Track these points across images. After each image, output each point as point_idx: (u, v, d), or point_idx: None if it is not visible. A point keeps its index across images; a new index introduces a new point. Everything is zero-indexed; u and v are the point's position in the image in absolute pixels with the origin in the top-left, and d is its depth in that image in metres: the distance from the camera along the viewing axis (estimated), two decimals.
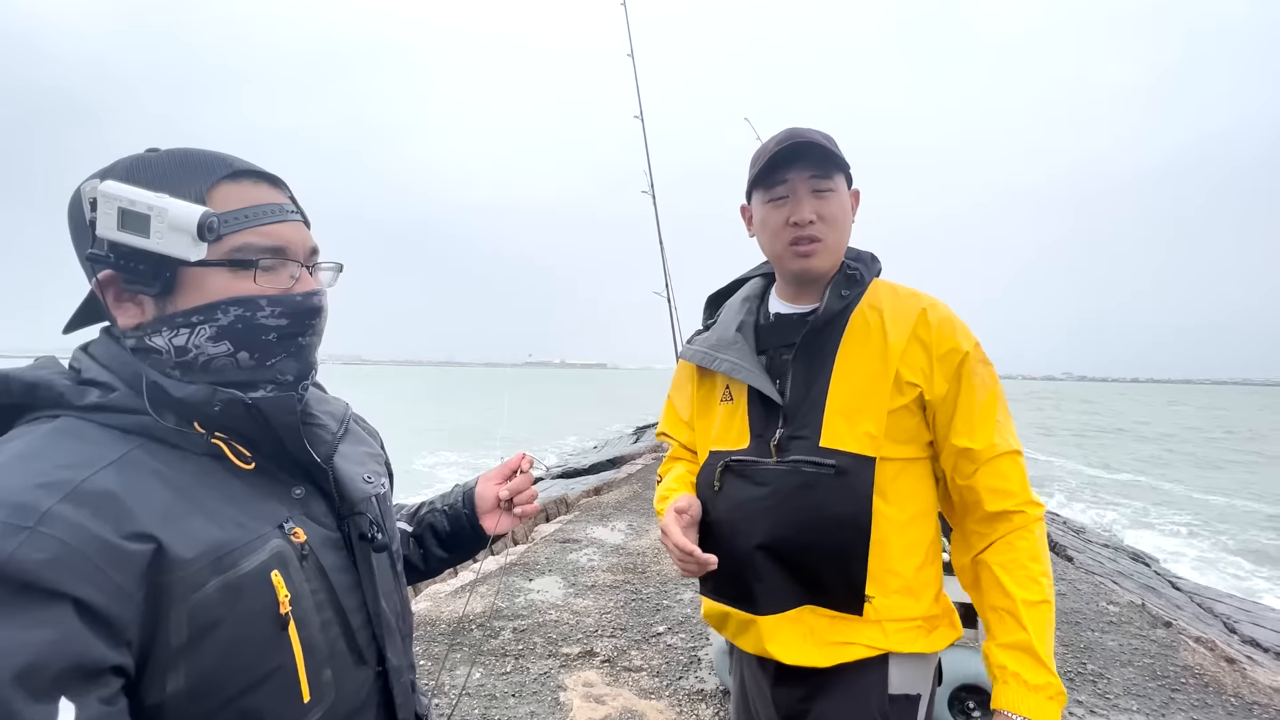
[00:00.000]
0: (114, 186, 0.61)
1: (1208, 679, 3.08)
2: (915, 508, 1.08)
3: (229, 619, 0.58)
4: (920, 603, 1.06)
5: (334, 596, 0.68)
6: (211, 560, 0.58)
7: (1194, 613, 5.08)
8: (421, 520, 1.01)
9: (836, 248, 1.12)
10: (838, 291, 1.11)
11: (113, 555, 0.52)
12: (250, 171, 0.68)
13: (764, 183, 1.12)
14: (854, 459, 1.04)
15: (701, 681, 2.98)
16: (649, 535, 5.52)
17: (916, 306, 1.09)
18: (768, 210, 1.12)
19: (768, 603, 1.08)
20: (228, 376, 0.65)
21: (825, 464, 1.04)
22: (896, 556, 1.04)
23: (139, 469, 0.58)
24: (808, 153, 1.07)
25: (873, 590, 1.03)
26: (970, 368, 1.05)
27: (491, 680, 3.00)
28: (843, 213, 1.11)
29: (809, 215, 1.07)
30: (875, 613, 1.04)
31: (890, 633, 1.04)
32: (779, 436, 1.09)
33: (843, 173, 1.11)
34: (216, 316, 0.64)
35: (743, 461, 1.13)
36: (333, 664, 0.67)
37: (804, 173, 1.08)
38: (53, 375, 0.62)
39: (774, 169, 1.09)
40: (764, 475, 1.09)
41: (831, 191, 1.09)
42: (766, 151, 1.11)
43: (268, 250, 0.66)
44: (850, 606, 1.04)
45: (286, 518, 0.66)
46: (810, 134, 1.09)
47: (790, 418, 1.10)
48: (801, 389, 1.10)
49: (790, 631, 1.07)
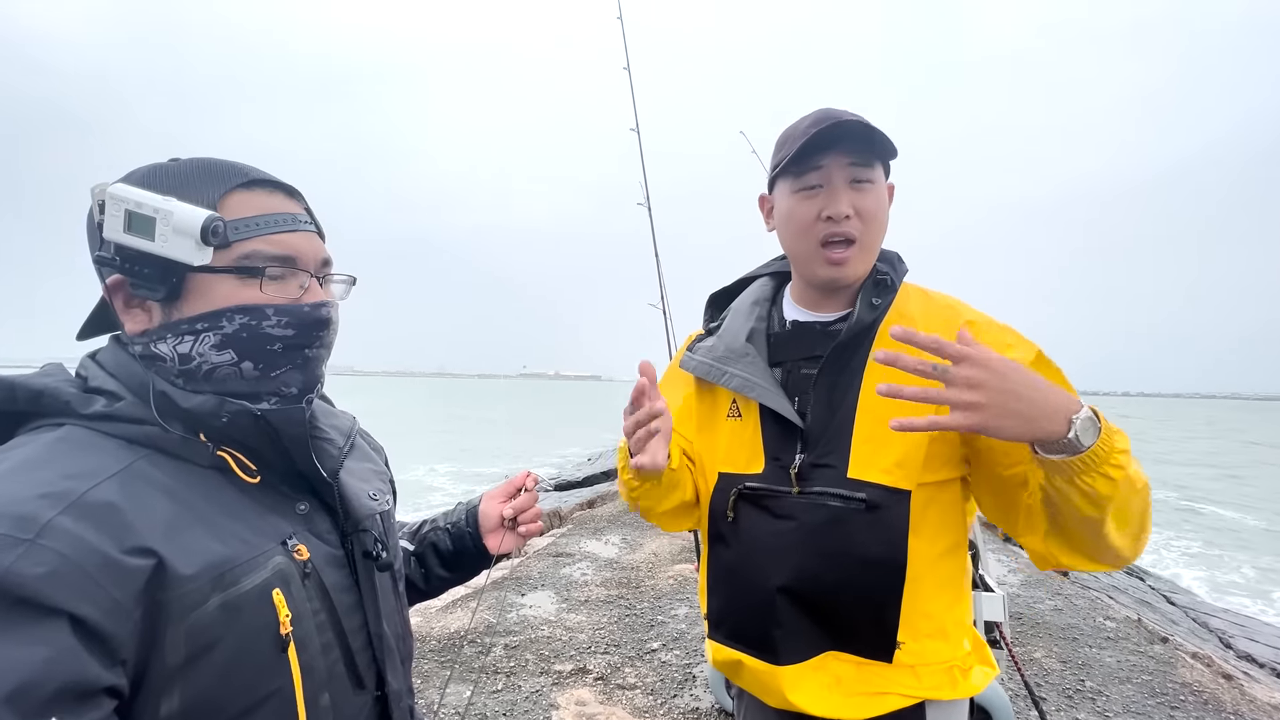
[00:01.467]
0: (122, 189, 0.60)
1: (1206, 696, 3.06)
2: (948, 540, 0.95)
3: (228, 638, 0.56)
4: (952, 644, 0.95)
5: (335, 617, 0.66)
6: (213, 577, 0.56)
7: (1189, 627, 5.06)
8: (424, 539, 0.98)
9: (872, 250, 0.98)
10: (869, 300, 0.98)
11: (112, 570, 0.50)
12: (266, 181, 0.68)
13: (794, 169, 0.96)
14: (887, 492, 0.91)
15: (697, 700, 2.92)
16: (643, 549, 5.46)
17: (958, 317, 0.94)
18: (796, 201, 0.97)
19: (789, 650, 0.96)
20: (230, 387, 0.64)
21: (855, 497, 0.92)
22: (929, 596, 0.93)
23: (142, 481, 0.57)
24: (849, 135, 0.92)
25: (904, 635, 0.92)
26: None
27: (482, 699, 2.94)
28: (882, 209, 0.97)
29: (845, 209, 0.93)
30: (907, 658, 0.93)
31: (924, 677, 0.93)
32: (800, 463, 0.96)
33: (883, 163, 0.97)
34: (221, 324, 0.63)
35: (758, 490, 1.00)
36: (331, 688, 0.64)
37: (843, 159, 0.93)
38: (59, 383, 0.61)
39: (809, 153, 0.93)
40: (786, 508, 0.97)
41: (871, 184, 0.95)
42: (800, 131, 0.95)
43: (276, 259, 0.65)
44: (879, 654, 0.93)
45: (290, 534, 0.64)
46: (851, 114, 0.93)
47: (812, 442, 0.96)
48: (825, 410, 0.97)
49: (815, 681, 0.96)
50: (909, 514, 0.90)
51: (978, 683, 0.96)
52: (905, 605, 0.91)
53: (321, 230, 0.73)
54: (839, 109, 0.96)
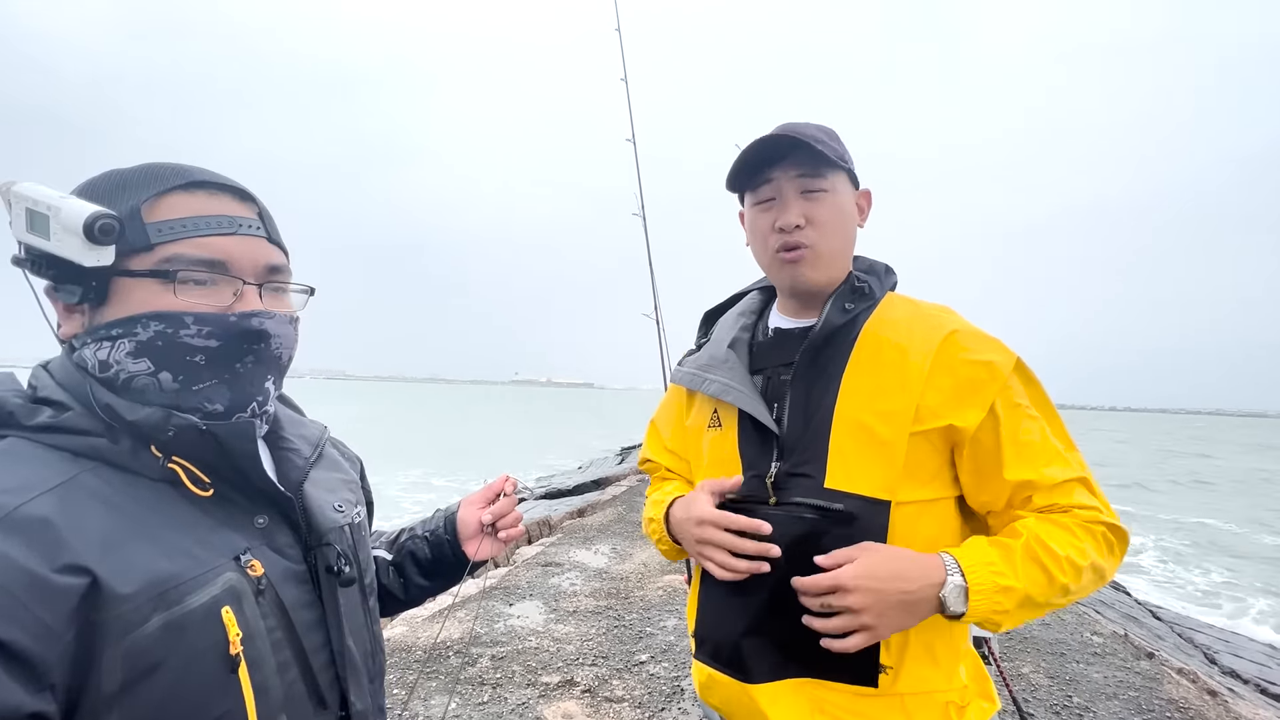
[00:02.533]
0: (24, 187, 0.59)
1: (1192, 713, 3.07)
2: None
3: (170, 660, 0.53)
4: (945, 671, 0.91)
5: (294, 635, 0.64)
6: (154, 595, 0.53)
7: (1175, 643, 5.09)
8: (401, 547, 0.97)
9: (830, 255, 0.98)
10: (840, 304, 0.97)
11: (40, 590, 0.48)
12: (210, 184, 0.64)
13: (748, 185, 1.00)
14: (865, 503, 0.88)
15: (685, 714, 2.90)
16: (633, 559, 5.43)
17: (941, 327, 0.93)
18: (755, 214, 1.00)
19: (760, 669, 0.93)
20: (150, 398, 0.60)
21: (832, 509, 0.89)
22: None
23: (84, 494, 0.55)
24: (794, 149, 0.94)
25: (889, 659, 0.88)
26: (1014, 388, 0.90)
27: (468, 711, 2.90)
28: (838, 216, 0.97)
29: (795, 219, 0.95)
30: (894, 685, 0.89)
31: (913, 711, 0.89)
32: (775, 472, 0.94)
33: (841, 170, 0.98)
34: (135, 331, 0.60)
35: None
36: (288, 709, 0.62)
37: (790, 171, 0.95)
38: (4, 393, 0.59)
39: (757, 169, 0.97)
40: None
41: (824, 192, 0.96)
42: (746, 149, 0.98)
43: (201, 263, 0.61)
44: (863, 677, 0.89)
45: (245, 549, 0.62)
46: (800, 128, 0.95)
47: (788, 450, 0.95)
48: (800, 417, 0.95)
49: (791, 702, 0.92)
50: (888, 525, 0.88)
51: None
52: None
53: (275, 236, 0.69)
54: (796, 123, 0.97)
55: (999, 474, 0.88)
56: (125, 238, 0.59)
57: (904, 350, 0.92)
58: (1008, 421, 0.89)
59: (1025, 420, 0.89)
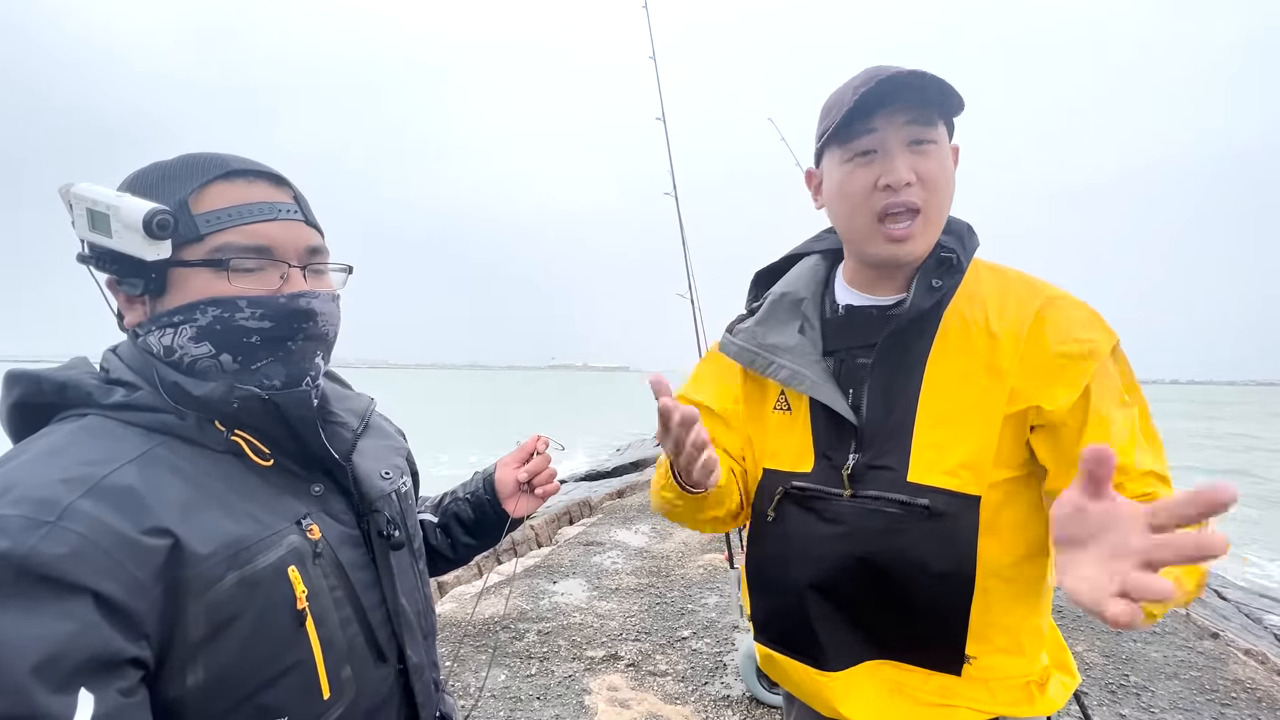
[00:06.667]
0: (82, 188, 0.62)
1: (1260, 694, 2.94)
2: (1027, 543, 0.85)
3: (246, 614, 0.58)
4: (1029, 658, 0.87)
5: (353, 593, 0.68)
6: (228, 555, 0.58)
7: (1242, 623, 4.86)
8: (445, 510, 1.02)
9: (938, 222, 0.86)
10: (927, 280, 0.87)
11: (131, 550, 0.53)
12: (248, 171, 0.67)
13: (843, 134, 0.85)
14: (953, 498, 0.82)
15: (728, 688, 2.94)
16: (673, 538, 5.48)
17: (1034, 301, 0.85)
18: (848, 171, 0.86)
19: (835, 655, 0.89)
20: (213, 379, 0.65)
21: (916, 504, 0.83)
22: (1003, 609, 0.84)
23: (159, 465, 0.59)
24: (906, 91, 0.81)
25: (974, 650, 0.84)
26: (1110, 370, 0.82)
27: (516, 682, 3.00)
28: (946, 174, 0.84)
29: (906, 175, 0.82)
30: (978, 672, 0.85)
31: (998, 692, 0.86)
32: (853, 464, 0.88)
33: (945, 121, 0.85)
34: (195, 317, 0.64)
35: (806, 490, 0.92)
36: (352, 661, 0.67)
37: (899, 117, 0.82)
38: (82, 375, 0.64)
39: (859, 115, 0.82)
40: (836, 512, 0.89)
41: (934, 144, 0.83)
42: (850, 91, 0.84)
43: (249, 250, 0.65)
44: (947, 667, 0.85)
45: (304, 514, 0.66)
46: (903, 69, 0.82)
47: (867, 442, 0.88)
48: (881, 407, 0.88)
49: (867, 689, 0.89)
50: (978, 521, 0.81)
51: (1055, 696, 0.87)
52: (975, 618, 0.83)
53: (311, 218, 0.72)
54: (891, 66, 0.84)
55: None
56: (178, 231, 0.63)
57: (991, 332, 0.84)
58: (1100, 405, 0.80)
59: (1119, 406, 0.81)
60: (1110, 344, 0.82)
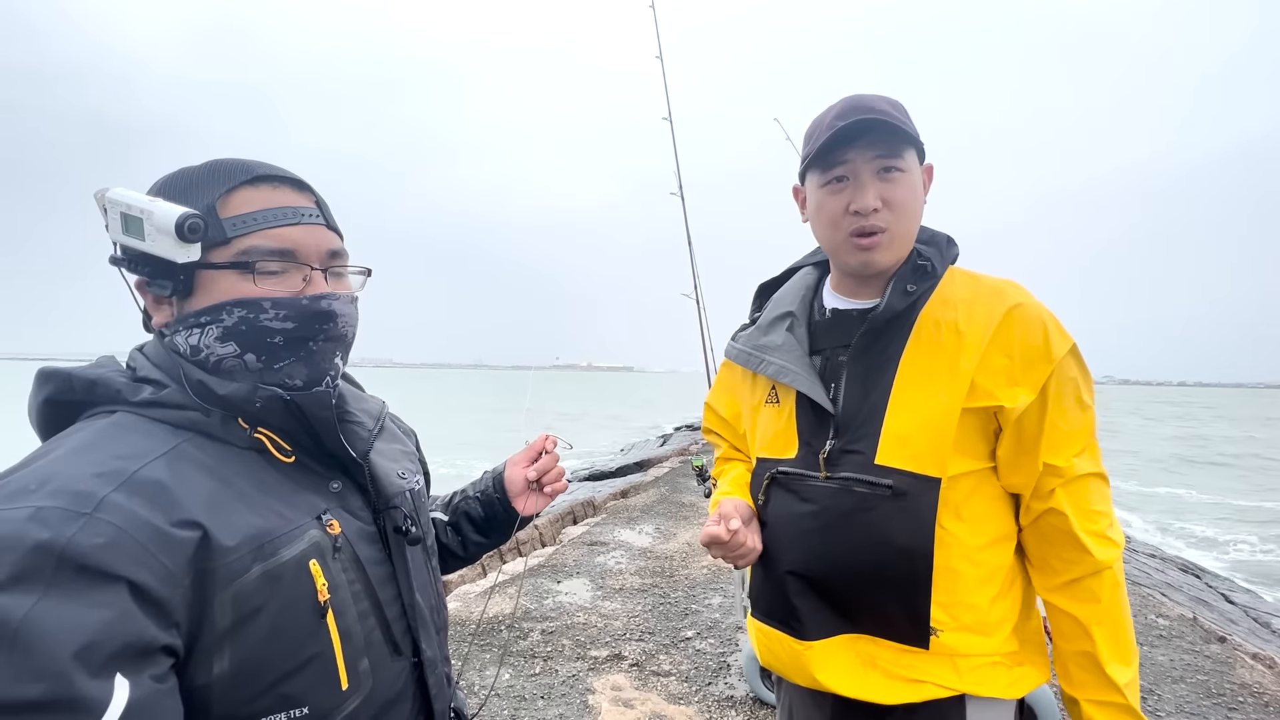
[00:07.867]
0: (116, 193, 0.64)
1: (1268, 698, 2.93)
2: (993, 531, 0.94)
3: (270, 605, 0.60)
4: (995, 638, 0.93)
5: (370, 588, 0.69)
6: (253, 548, 0.60)
7: (1249, 628, 4.84)
8: (456, 509, 1.03)
9: (904, 238, 0.97)
10: (902, 286, 0.97)
11: (163, 541, 0.54)
12: (272, 176, 0.69)
13: (821, 163, 0.97)
14: (915, 479, 0.91)
15: (731, 688, 2.94)
16: (676, 539, 5.49)
17: (1001, 304, 0.93)
18: (824, 195, 0.98)
19: (813, 626, 0.98)
20: (238, 378, 0.66)
21: (881, 484, 0.92)
22: (969, 587, 0.92)
23: (187, 461, 0.61)
24: (873, 128, 0.92)
25: (940, 623, 0.91)
26: (1066, 373, 0.91)
27: (520, 681, 3.01)
28: (913, 196, 0.96)
29: (873, 202, 0.93)
30: (944, 647, 0.92)
31: (964, 670, 0.92)
32: (829, 449, 0.98)
33: (914, 148, 0.96)
34: (221, 318, 0.65)
35: (789, 474, 1.02)
36: (370, 654, 0.68)
37: (868, 152, 0.94)
38: (111, 374, 0.65)
39: (833, 147, 0.94)
40: (811, 492, 0.99)
41: (900, 173, 0.94)
42: (824, 126, 0.95)
43: (274, 253, 0.67)
44: (914, 639, 0.93)
45: (324, 510, 0.68)
46: (875, 104, 0.94)
47: (843, 429, 0.98)
48: (857, 397, 0.97)
49: (843, 658, 0.96)
50: (938, 501, 0.90)
51: (1023, 685, 0.94)
52: (942, 593, 0.91)
53: (332, 223, 0.73)
54: (867, 96, 0.96)
55: (1035, 456, 0.91)
56: (207, 234, 0.65)
57: (959, 331, 0.93)
58: (1055, 405, 0.90)
59: (1072, 407, 0.91)
60: (1067, 347, 0.91)
